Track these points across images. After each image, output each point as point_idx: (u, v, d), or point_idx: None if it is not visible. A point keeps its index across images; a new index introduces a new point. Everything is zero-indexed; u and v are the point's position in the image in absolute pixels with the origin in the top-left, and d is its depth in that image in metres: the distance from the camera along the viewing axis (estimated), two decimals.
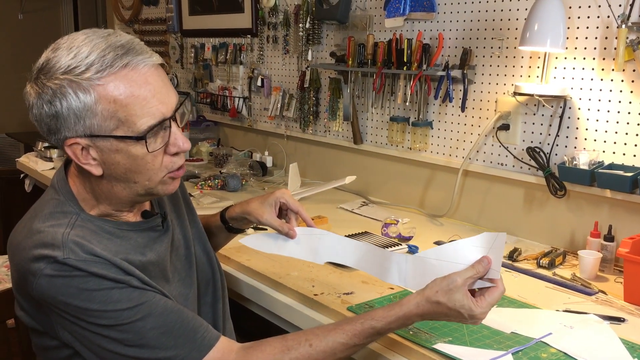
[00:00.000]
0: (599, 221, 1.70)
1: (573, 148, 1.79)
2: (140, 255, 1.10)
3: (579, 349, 1.19)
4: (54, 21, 5.71)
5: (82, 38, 1.01)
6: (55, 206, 1.08)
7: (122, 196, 1.09)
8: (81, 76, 0.98)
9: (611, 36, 1.68)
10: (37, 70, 1.01)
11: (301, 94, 2.69)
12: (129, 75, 1.00)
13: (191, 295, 1.25)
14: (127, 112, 1.00)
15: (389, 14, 2.21)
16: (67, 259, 0.99)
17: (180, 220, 1.29)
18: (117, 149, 1.02)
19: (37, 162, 2.93)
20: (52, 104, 0.99)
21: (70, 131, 1.01)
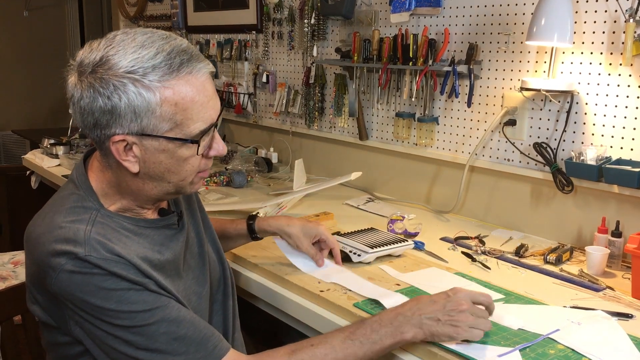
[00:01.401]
0: (607, 217, 1.69)
1: (580, 143, 1.78)
2: (158, 254, 1.11)
3: (586, 345, 1.18)
4: (59, 18, 5.71)
5: (142, 38, 1.02)
6: (76, 201, 1.09)
7: (151, 193, 1.11)
8: (147, 76, 0.99)
9: (619, 30, 1.66)
10: (94, 65, 1.00)
11: (306, 90, 2.68)
12: (191, 80, 1.03)
13: (204, 293, 1.26)
14: (184, 115, 1.03)
15: (395, 9, 2.20)
16: (89, 256, 1.00)
17: (194, 219, 1.31)
18: (165, 149, 1.04)
19: (43, 159, 2.94)
20: (111, 99, 0.99)
21: (123, 128, 1.01)
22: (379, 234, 1.74)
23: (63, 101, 5.18)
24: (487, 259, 1.69)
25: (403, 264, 1.62)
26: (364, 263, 1.61)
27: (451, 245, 1.81)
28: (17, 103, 5.48)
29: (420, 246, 1.76)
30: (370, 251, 1.60)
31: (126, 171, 1.06)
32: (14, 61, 5.42)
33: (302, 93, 2.72)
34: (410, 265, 1.62)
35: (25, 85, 5.52)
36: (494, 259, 1.69)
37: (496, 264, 1.66)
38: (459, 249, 1.77)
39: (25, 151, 3.77)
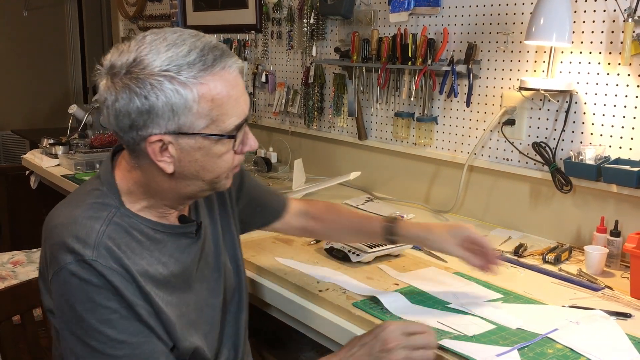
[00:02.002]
0: (605, 216, 1.69)
1: (579, 143, 1.78)
2: (163, 267, 1.10)
3: (585, 344, 1.18)
4: (58, 18, 5.71)
5: (173, 37, 1.01)
6: (97, 197, 1.08)
7: (184, 192, 1.10)
8: (182, 74, 0.98)
9: (617, 30, 1.67)
10: (127, 66, 0.99)
11: (306, 90, 2.68)
12: (224, 76, 1.02)
13: (217, 304, 1.24)
14: (220, 111, 1.02)
15: (394, 8, 2.20)
16: (94, 262, 1.00)
17: (213, 226, 1.28)
18: (200, 146, 1.03)
19: (42, 159, 2.94)
20: (148, 98, 0.98)
21: (160, 128, 1.00)
22: None
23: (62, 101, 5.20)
24: None
25: (402, 264, 1.62)
26: (363, 263, 1.61)
27: None
28: (16, 103, 5.47)
29: (419, 246, 1.76)
30: (369, 251, 1.60)
31: (159, 171, 1.05)
32: (13, 61, 5.42)
33: (302, 93, 2.72)
34: (409, 264, 1.62)
35: (24, 85, 5.52)
36: None
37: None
38: None
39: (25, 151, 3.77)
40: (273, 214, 1.47)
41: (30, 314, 1.53)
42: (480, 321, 1.29)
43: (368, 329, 1.29)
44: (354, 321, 1.33)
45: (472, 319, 1.30)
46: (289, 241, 1.80)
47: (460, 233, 1.37)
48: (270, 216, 1.47)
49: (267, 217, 1.47)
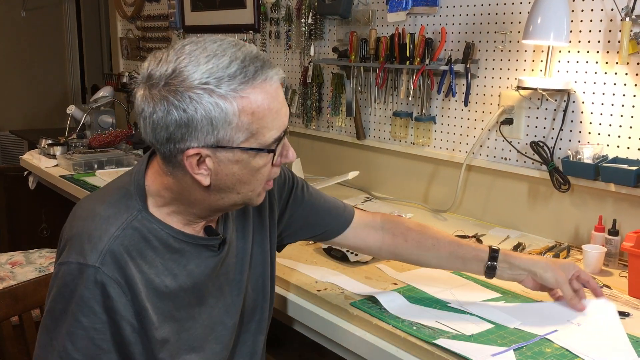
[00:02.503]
0: (603, 215, 1.69)
1: (577, 142, 1.79)
2: (172, 279, 1.08)
3: (583, 346, 1.18)
4: (56, 18, 5.71)
5: (214, 47, 0.98)
6: (122, 196, 1.07)
7: (217, 205, 1.08)
8: (222, 87, 0.96)
9: (615, 29, 1.67)
10: (166, 77, 0.96)
11: (304, 90, 2.68)
12: (265, 88, 0.99)
13: (231, 325, 1.20)
14: (260, 124, 0.99)
15: (392, 8, 2.20)
16: (96, 269, 1.00)
17: (243, 242, 1.23)
18: (239, 159, 1.01)
19: (41, 160, 2.94)
20: (187, 111, 0.95)
21: (198, 141, 0.97)
22: None
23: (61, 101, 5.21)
24: None
25: (400, 263, 1.62)
26: (361, 262, 1.61)
27: None
28: (14, 103, 5.47)
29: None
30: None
31: (194, 183, 1.03)
32: (11, 61, 5.41)
33: (300, 92, 2.72)
34: (408, 264, 1.62)
35: (23, 85, 5.52)
36: None
37: None
38: None
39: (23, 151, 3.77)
40: (334, 227, 1.38)
41: (29, 315, 1.53)
42: (479, 320, 1.29)
43: (366, 328, 1.30)
44: (353, 321, 1.33)
45: (470, 318, 1.30)
46: None
47: (572, 269, 1.31)
48: (328, 231, 1.38)
49: (324, 231, 1.38)
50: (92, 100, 3.51)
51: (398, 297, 1.38)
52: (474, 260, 1.34)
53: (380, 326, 1.27)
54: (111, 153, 2.90)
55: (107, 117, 3.39)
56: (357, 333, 1.30)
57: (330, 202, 1.39)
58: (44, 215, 3.50)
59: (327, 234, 1.38)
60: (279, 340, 1.86)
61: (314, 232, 1.38)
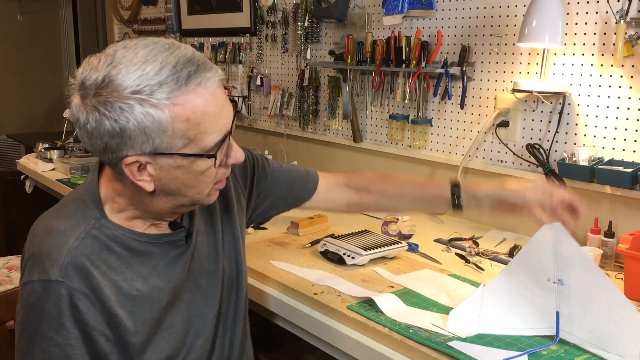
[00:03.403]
0: (599, 217, 1.70)
1: (572, 144, 1.79)
2: (142, 282, 1.07)
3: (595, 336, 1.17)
4: (53, 22, 5.70)
5: (144, 52, 0.95)
6: (78, 207, 1.06)
7: (165, 208, 1.07)
8: (154, 95, 0.93)
9: (610, 32, 1.67)
10: (96, 87, 0.94)
11: (300, 93, 2.69)
12: (201, 92, 0.96)
13: (211, 317, 1.20)
14: (197, 130, 0.97)
15: (387, 11, 2.21)
16: (59, 283, 0.99)
17: (212, 231, 1.22)
18: (180, 165, 0.99)
19: (38, 164, 2.94)
20: (118, 122, 0.93)
21: (134, 150, 0.96)
22: (372, 236, 1.74)
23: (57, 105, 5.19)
24: (481, 260, 1.69)
25: (397, 266, 1.62)
26: (358, 265, 1.61)
27: (445, 246, 1.81)
28: (11, 107, 5.46)
29: (414, 248, 1.77)
30: (364, 253, 1.60)
31: (140, 189, 1.02)
32: (8, 65, 5.41)
33: (296, 96, 2.72)
34: (404, 267, 1.62)
35: (19, 89, 5.51)
36: (488, 260, 1.69)
37: (490, 265, 1.66)
38: (453, 251, 1.77)
39: (20, 155, 3.77)
40: (302, 195, 1.40)
41: None
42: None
43: (363, 331, 1.30)
44: (349, 324, 1.34)
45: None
46: (284, 244, 1.80)
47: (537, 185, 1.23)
48: (297, 199, 1.40)
49: (294, 200, 1.39)
50: None
51: (394, 300, 1.38)
52: (438, 200, 1.32)
53: (376, 329, 1.27)
54: None
55: None
56: (353, 336, 1.31)
57: (293, 171, 1.41)
58: None
59: (297, 201, 1.40)
60: (275, 343, 1.86)
61: (286, 202, 1.39)
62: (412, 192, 1.36)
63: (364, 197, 1.39)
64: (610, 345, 1.15)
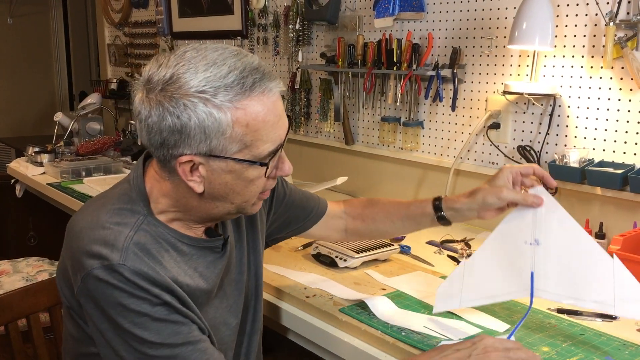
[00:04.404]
0: (590, 218, 1.70)
1: (563, 146, 1.80)
2: (190, 279, 1.08)
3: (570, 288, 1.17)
4: (43, 25, 5.68)
5: (214, 55, 0.98)
6: (126, 202, 1.06)
7: (212, 213, 1.08)
8: (218, 96, 0.95)
9: (599, 34, 1.68)
10: (164, 82, 0.97)
11: (292, 95, 2.69)
12: (263, 100, 0.98)
13: (234, 325, 1.21)
14: (254, 136, 0.99)
15: (378, 14, 2.21)
16: (122, 266, 0.98)
17: (240, 243, 1.25)
18: (232, 170, 1.01)
19: (28, 167, 2.92)
20: (181, 118, 0.95)
21: (191, 148, 0.98)
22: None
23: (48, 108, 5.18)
24: None
25: (389, 269, 1.62)
26: (350, 268, 1.61)
27: (437, 248, 1.81)
28: (1, 110, 5.43)
29: (407, 250, 1.77)
30: (356, 256, 1.60)
31: (189, 189, 1.03)
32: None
33: (288, 98, 2.72)
34: (396, 269, 1.62)
35: (10, 92, 5.48)
36: None
37: None
38: (445, 253, 1.78)
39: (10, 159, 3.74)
40: (311, 219, 1.42)
41: (15, 325, 1.51)
42: (467, 325, 1.29)
43: (355, 334, 1.30)
44: (341, 327, 1.33)
45: (458, 323, 1.30)
46: (276, 247, 1.79)
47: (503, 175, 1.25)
48: (307, 223, 1.42)
49: (304, 221, 1.42)
50: (80, 107, 3.49)
51: (387, 303, 1.38)
52: (423, 217, 1.35)
53: (369, 332, 1.27)
54: (99, 160, 2.89)
55: (94, 124, 3.37)
56: (346, 339, 1.30)
57: (306, 193, 1.44)
58: (32, 223, 3.47)
59: (307, 223, 1.42)
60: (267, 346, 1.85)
61: (297, 223, 1.41)
62: (399, 213, 1.39)
63: (359, 225, 1.43)
64: (585, 294, 1.16)
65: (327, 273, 1.59)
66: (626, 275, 1.13)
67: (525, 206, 1.22)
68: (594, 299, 1.15)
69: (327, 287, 1.49)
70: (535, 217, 1.20)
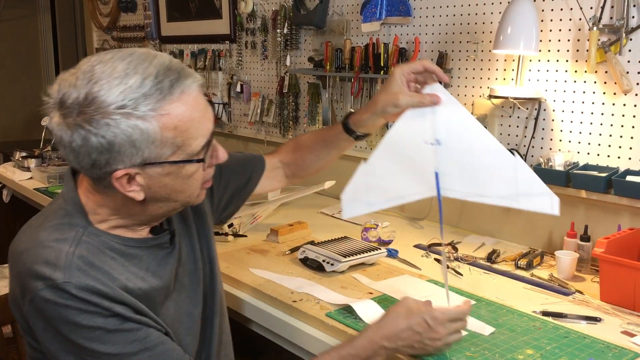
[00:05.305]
0: (575, 221, 1.72)
1: (548, 149, 1.81)
2: (142, 281, 1.07)
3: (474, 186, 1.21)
4: (31, 29, 5.65)
5: (123, 65, 0.95)
6: (62, 217, 1.05)
7: (157, 214, 1.08)
8: (139, 107, 0.93)
9: (583, 38, 1.70)
10: (79, 105, 0.93)
11: (280, 100, 2.69)
12: (184, 99, 0.98)
13: (197, 314, 1.21)
14: (184, 136, 0.99)
15: (366, 18, 2.22)
16: (67, 284, 0.96)
17: (188, 231, 1.24)
18: (169, 172, 1.01)
19: (15, 172, 2.90)
20: (106, 137, 0.93)
21: (124, 163, 0.96)
22: (352, 243, 1.74)
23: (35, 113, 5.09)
24: (460, 265, 1.70)
25: (376, 272, 1.63)
26: (337, 272, 1.61)
27: (424, 252, 1.82)
28: None
29: (394, 254, 1.77)
30: (343, 260, 1.60)
31: (129, 199, 1.02)
32: None
33: (276, 102, 2.73)
34: (383, 273, 1.63)
35: None
36: (466, 265, 1.70)
37: (468, 270, 1.67)
38: (432, 256, 1.78)
39: None
40: (253, 180, 1.45)
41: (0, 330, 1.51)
42: None
43: (342, 339, 1.30)
44: (328, 331, 1.34)
45: None
46: (263, 252, 1.79)
47: (400, 79, 1.26)
48: (251, 184, 1.44)
49: (249, 187, 1.44)
50: None
51: (373, 306, 1.38)
52: (339, 139, 1.42)
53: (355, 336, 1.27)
54: None
55: None
56: (332, 343, 1.30)
57: (242, 158, 1.46)
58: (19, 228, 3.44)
59: (249, 188, 1.44)
60: (256, 350, 1.85)
61: (242, 190, 1.43)
62: (320, 145, 1.46)
63: (294, 168, 1.50)
64: (490, 191, 1.18)
65: (314, 277, 1.60)
66: (527, 170, 1.15)
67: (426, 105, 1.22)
68: (498, 194, 1.17)
69: (314, 291, 1.49)
70: (435, 116, 1.20)
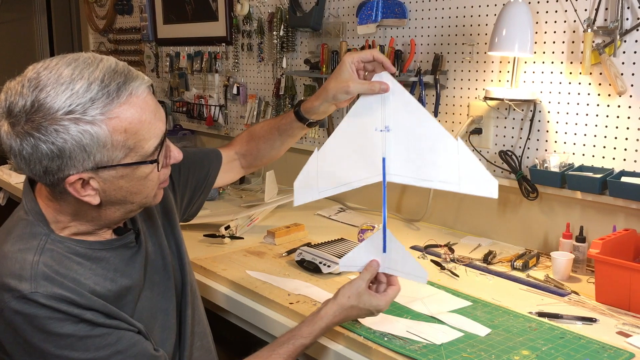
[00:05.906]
0: (571, 222, 1.72)
1: (544, 151, 1.82)
2: (111, 282, 1.07)
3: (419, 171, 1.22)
4: (28, 32, 5.65)
5: (69, 71, 0.95)
6: (24, 227, 1.05)
7: (114, 217, 1.08)
8: (88, 112, 0.93)
9: (578, 40, 1.71)
10: (26, 113, 0.93)
11: (277, 101, 2.69)
12: (133, 101, 0.98)
13: (171, 308, 1.22)
14: (136, 138, 0.99)
15: (361, 20, 2.22)
16: (34, 294, 0.96)
17: (154, 230, 1.25)
18: (123, 175, 1.01)
19: (11, 175, 2.90)
20: (55, 144, 0.93)
21: (76, 168, 0.96)
22: (348, 245, 1.75)
23: None
24: (456, 266, 1.71)
25: None
26: (334, 274, 1.61)
27: (421, 253, 1.82)
28: None
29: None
30: (339, 262, 1.60)
31: (85, 203, 1.02)
32: None
33: (273, 104, 2.73)
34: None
35: None
36: (463, 267, 1.71)
37: (464, 271, 1.68)
38: (429, 257, 1.79)
39: None
40: (212, 174, 1.48)
41: None
42: (449, 329, 1.30)
43: (338, 340, 1.30)
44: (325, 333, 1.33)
45: (440, 327, 1.31)
46: (260, 254, 1.80)
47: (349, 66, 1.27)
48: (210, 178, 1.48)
49: (208, 181, 1.47)
50: None
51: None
52: (292, 127, 1.45)
53: (351, 337, 1.28)
54: None
55: None
56: (329, 345, 1.31)
57: (198, 154, 1.49)
58: None
59: (209, 182, 1.47)
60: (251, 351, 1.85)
61: (203, 184, 1.46)
62: (274, 134, 1.48)
63: (250, 159, 1.54)
64: (432, 175, 1.19)
65: (311, 279, 1.60)
66: (469, 155, 1.16)
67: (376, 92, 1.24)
68: (440, 179, 1.19)
69: (311, 293, 1.50)
70: (384, 104, 1.24)
